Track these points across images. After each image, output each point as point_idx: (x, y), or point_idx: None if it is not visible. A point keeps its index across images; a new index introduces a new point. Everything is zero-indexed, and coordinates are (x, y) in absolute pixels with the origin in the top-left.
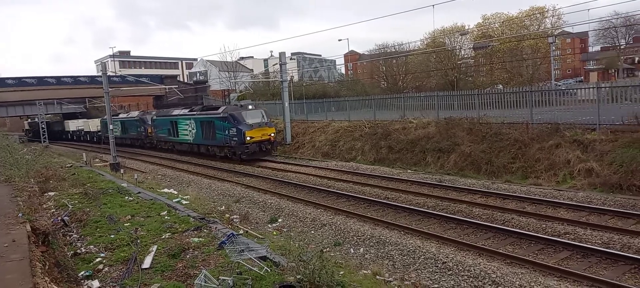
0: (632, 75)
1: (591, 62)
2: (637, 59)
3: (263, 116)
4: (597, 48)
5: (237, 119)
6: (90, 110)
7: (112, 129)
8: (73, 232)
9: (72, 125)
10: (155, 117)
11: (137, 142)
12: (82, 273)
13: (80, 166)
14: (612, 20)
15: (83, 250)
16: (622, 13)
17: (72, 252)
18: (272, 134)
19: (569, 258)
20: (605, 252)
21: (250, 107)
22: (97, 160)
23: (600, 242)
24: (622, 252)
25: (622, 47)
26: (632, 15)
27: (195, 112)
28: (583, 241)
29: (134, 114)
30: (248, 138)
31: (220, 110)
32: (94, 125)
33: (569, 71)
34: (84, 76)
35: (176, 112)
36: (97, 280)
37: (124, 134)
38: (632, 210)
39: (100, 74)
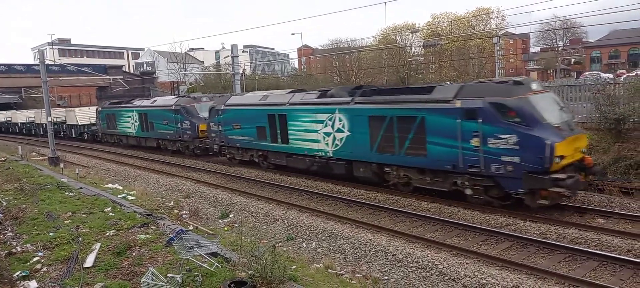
0: (568, 75)
1: (532, 62)
2: (573, 60)
3: (562, 109)
4: (538, 49)
5: (528, 115)
6: (27, 100)
7: (50, 120)
8: (7, 230)
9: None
10: (224, 107)
11: (173, 145)
12: (17, 273)
13: (15, 160)
14: (552, 23)
15: (19, 249)
16: (560, 16)
17: (6, 251)
18: (584, 149)
19: (510, 248)
20: (543, 242)
21: (534, 85)
22: (33, 153)
23: (538, 232)
24: (558, 241)
25: (560, 48)
26: (569, 18)
27: (348, 100)
28: (523, 232)
29: (169, 100)
30: (557, 159)
31: (447, 91)
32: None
33: (511, 70)
34: (19, 64)
35: (278, 97)
36: (34, 280)
37: (145, 131)
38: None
39: (37, 62)
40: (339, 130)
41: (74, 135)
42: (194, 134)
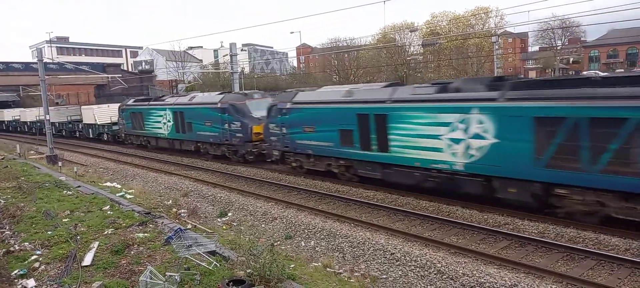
0: (567, 74)
1: (530, 61)
2: (571, 59)
3: None
4: (536, 48)
5: None
6: (25, 98)
7: (48, 118)
8: (5, 228)
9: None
10: (290, 105)
11: (216, 149)
12: (15, 271)
13: (14, 158)
14: (550, 22)
15: (17, 248)
16: (559, 16)
17: (4, 249)
18: None
19: (508, 247)
20: (541, 241)
21: None
22: (32, 152)
23: (536, 231)
24: (556, 240)
25: (558, 47)
26: (568, 18)
27: (495, 96)
28: (521, 231)
29: (212, 97)
30: None
31: None
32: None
33: (510, 69)
34: (17, 62)
35: (372, 93)
36: (32, 279)
37: (181, 133)
38: None
39: (35, 60)
40: (476, 136)
41: (91, 136)
42: (246, 136)
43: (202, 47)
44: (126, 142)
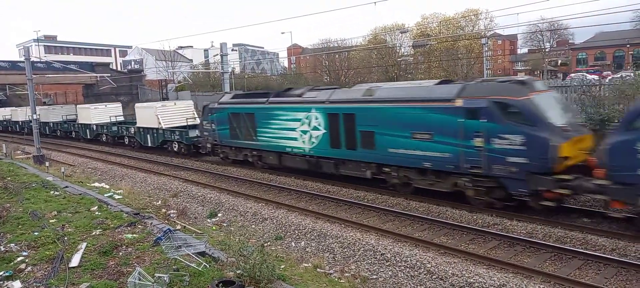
0: (554, 76)
1: (519, 63)
2: (559, 61)
3: None
4: (525, 50)
5: None
6: (12, 98)
7: (36, 118)
8: None
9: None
10: None
11: (441, 181)
12: (1, 273)
13: (0, 158)
14: (539, 25)
15: (2, 249)
16: (547, 18)
17: None
18: None
19: (497, 247)
20: (529, 241)
21: None
22: (18, 152)
23: (524, 232)
24: (544, 241)
25: (547, 50)
26: (556, 20)
27: None
28: (509, 231)
29: (431, 87)
30: None
31: None
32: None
33: (499, 71)
34: (3, 61)
35: None
36: (18, 280)
37: (343, 149)
38: None
39: (22, 59)
40: None
41: (150, 144)
42: (541, 163)
43: (192, 46)
44: (217, 155)
